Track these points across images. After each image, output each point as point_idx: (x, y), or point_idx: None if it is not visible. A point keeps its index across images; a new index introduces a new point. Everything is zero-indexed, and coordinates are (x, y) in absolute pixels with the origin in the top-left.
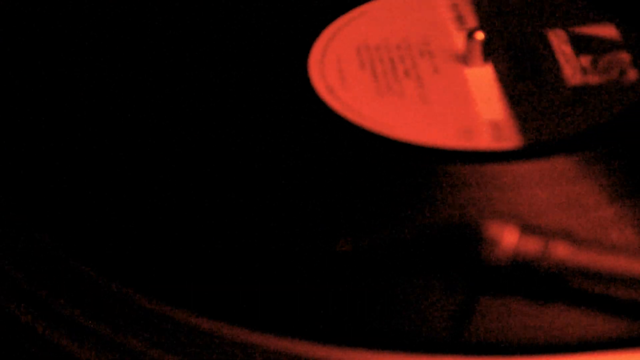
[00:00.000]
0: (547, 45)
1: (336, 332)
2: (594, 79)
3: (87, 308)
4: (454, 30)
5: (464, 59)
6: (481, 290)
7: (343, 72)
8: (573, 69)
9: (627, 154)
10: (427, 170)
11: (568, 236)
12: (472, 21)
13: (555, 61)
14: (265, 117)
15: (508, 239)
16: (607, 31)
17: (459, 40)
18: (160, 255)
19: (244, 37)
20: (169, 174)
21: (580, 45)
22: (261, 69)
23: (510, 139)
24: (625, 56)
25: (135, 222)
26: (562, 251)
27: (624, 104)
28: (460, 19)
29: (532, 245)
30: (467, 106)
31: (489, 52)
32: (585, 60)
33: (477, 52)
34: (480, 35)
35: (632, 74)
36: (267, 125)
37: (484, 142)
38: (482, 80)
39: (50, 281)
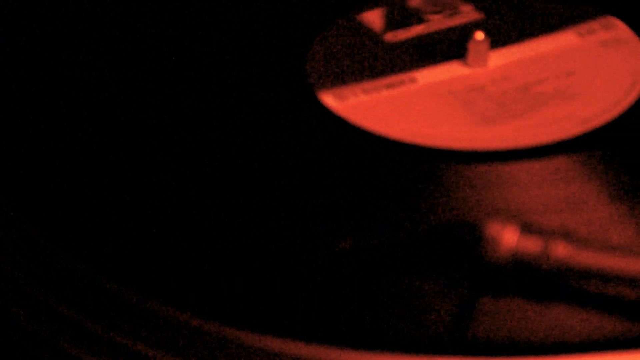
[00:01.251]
0: None
1: (336, 333)
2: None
3: (87, 308)
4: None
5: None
6: (481, 290)
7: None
8: None
9: (627, 154)
10: (427, 170)
11: (568, 236)
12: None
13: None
14: (265, 117)
15: (508, 238)
16: None
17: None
18: (161, 256)
19: (244, 37)
20: (169, 174)
21: None
22: (261, 68)
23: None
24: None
25: (135, 222)
26: (562, 251)
27: None
28: None
29: (532, 245)
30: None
31: None
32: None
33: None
34: (480, 36)
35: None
36: (267, 125)
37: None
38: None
39: (51, 281)
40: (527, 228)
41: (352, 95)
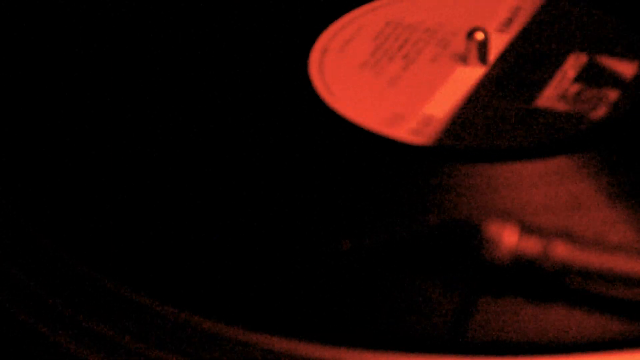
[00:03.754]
0: (558, 64)
1: (336, 332)
2: (561, 106)
3: (87, 308)
4: (492, 30)
5: (463, 58)
6: (481, 290)
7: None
8: (555, 91)
9: (627, 154)
10: (427, 170)
11: (568, 236)
12: (517, 26)
13: (548, 80)
14: (265, 117)
15: (508, 238)
16: (624, 67)
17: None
18: (161, 256)
19: (244, 37)
20: (169, 174)
21: (586, 73)
22: (261, 68)
23: (427, 137)
24: (611, 93)
25: (135, 222)
26: (562, 251)
27: (566, 133)
28: (508, 22)
29: (532, 245)
30: (419, 97)
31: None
32: (575, 87)
33: (474, 52)
34: (480, 36)
35: (600, 111)
36: (267, 125)
37: (402, 133)
38: (462, 79)
39: (50, 281)
40: (527, 228)
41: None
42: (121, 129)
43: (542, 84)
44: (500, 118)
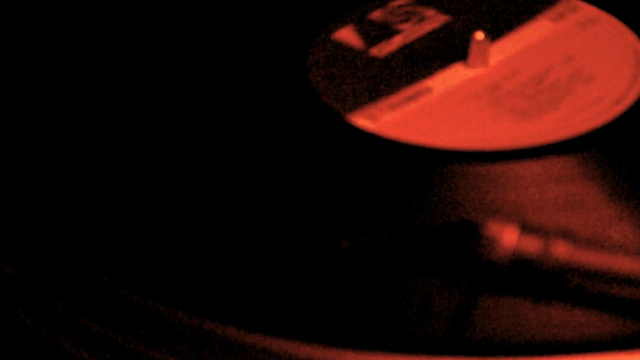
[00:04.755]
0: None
1: (336, 333)
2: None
3: (87, 308)
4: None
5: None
6: (481, 290)
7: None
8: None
9: (627, 154)
10: (427, 170)
11: (568, 236)
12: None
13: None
14: (265, 117)
15: (508, 238)
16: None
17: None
18: (161, 256)
19: (244, 37)
20: (168, 174)
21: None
22: (261, 68)
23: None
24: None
25: (135, 222)
26: (562, 250)
27: None
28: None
29: (532, 245)
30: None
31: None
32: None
33: (475, 52)
34: (480, 36)
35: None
36: (267, 125)
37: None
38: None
39: (51, 281)
40: (527, 228)
41: (381, 113)
42: (121, 129)
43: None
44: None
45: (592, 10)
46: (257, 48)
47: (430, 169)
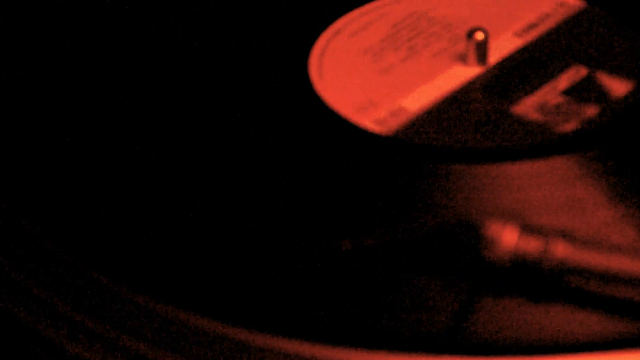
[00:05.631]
0: (554, 75)
1: (336, 332)
2: (535, 115)
3: (87, 308)
4: (510, 33)
5: (463, 57)
6: (481, 290)
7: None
8: (537, 100)
9: (627, 154)
10: (427, 170)
11: (568, 236)
12: (536, 33)
13: (536, 89)
14: (265, 117)
15: (508, 238)
16: (618, 85)
17: (496, 42)
18: (160, 256)
19: (244, 37)
20: (169, 174)
21: (576, 87)
22: (261, 68)
23: (388, 127)
24: (589, 109)
25: (135, 222)
26: (562, 251)
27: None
28: (530, 27)
29: (532, 245)
30: (401, 88)
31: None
32: (558, 99)
33: (473, 52)
34: (480, 36)
35: (570, 125)
36: (267, 125)
37: (367, 120)
38: (452, 77)
39: (51, 281)
40: (527, 228)
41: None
42: (121, 129)
43: (529, 91)
44: (471, 119)
45: None
46: (258, 48)
47: (431, 169)
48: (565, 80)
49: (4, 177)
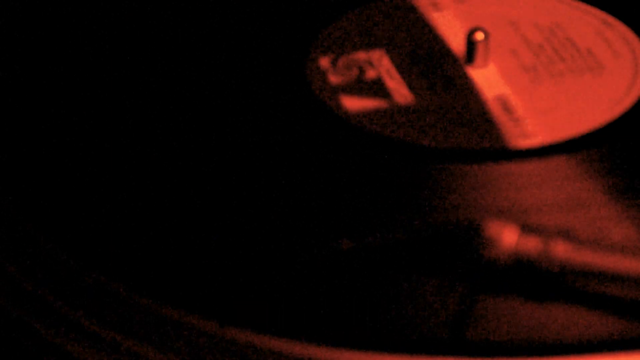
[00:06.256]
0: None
1: (336, 333)
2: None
3: (87, 308)
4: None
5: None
6: (481, 290)
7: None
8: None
9: (627, 154)
10: (427, 170)
11: (568, 236)
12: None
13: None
14: (265, 117)
15: (508, 238)
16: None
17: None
18: (161, 256)
19: (244, 38)
20: (169, 174)
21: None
22: (260, 69)
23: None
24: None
25: (134, 222)
26: (562, 250)
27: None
28: None
29: (532, 245)
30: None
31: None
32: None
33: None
34: (480, 36)
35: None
36: (267, 126)
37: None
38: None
39: (51, 281)
40: (526, 228)
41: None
42: (121, 129)
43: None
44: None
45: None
46: (257, 47)
47: (431, 169)
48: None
49: (4, 177)
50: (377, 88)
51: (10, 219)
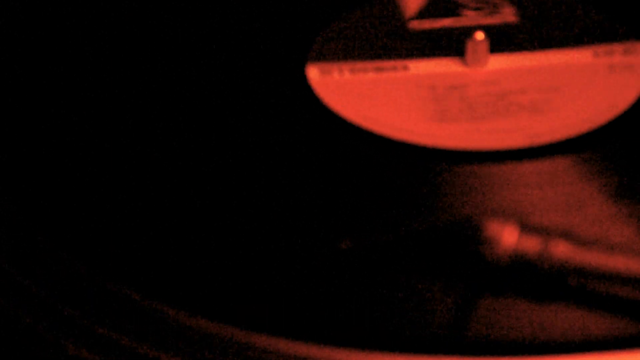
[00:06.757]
0: None
1: (336, 332)
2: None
3: (88, 309)
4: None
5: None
6: (481, 290)
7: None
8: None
9: (627, 154)
10: (427, 170)
11: (568, 235)
12: None
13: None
14: (265, 118)
15: (508, 238)
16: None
17: None
18: (161, 256)
19: (244, 38)
20: (169, 174)
21: None
22: (260, 69)
23: None
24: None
25: (134, 222)
26: (562, 250)
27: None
28: None
29: (532, 244)
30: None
31: None
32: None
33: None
34: (480, 36)
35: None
36: (267, 126)
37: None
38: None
39: (51, 281)
40: (526, 227)
41: (337, 71)
42: (122, 129)
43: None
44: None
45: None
46: (257, 47)
47: (431, 169)
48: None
49: (4, 177)
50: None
51: (10, 219)
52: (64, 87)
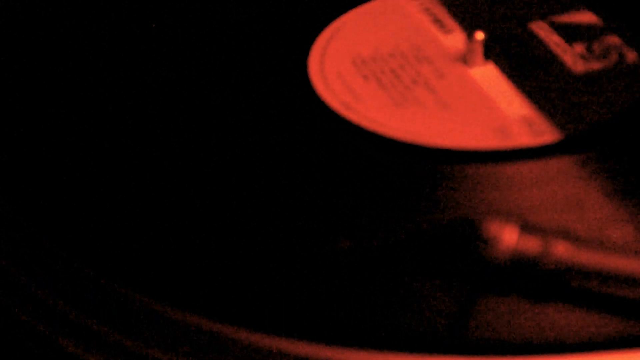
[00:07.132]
0: (536, 38)
1: (336, 332)
2: (596, 65)
3: (87, 308)
4: (438, 33)
5: (464, 60)
6: (481, 290)
7: (349, 85)
8: (572, 57)
9: (627, 154)
10: (427, 170)
11: (568, 235)
12: (450, 23)
13: (551, 52)
14: (265, 119)
15: (508, 237)
16: (587, 17)
17: (449, 42)
18: (161, 256)
19: (244, 39)
20: (169, 174)
21: (568, 33)
22: (261, 71)
23: (547, 133)
24: (615, 39)
25: (135, 222)
26: (562, 250)
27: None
28: (438, 22)
29: (532, 244)
30: (490, 106)
31: (487, 51)
32: (580, 47)
33: (478, 52)
34: (480, 36)
35: (630, 56)
36: (267, 127)
37: (522, 139)
38: (491, 80)
39: (51, 281)
40: (526, 227)
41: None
42: (122, 129)
43: (552, 57)
44: (570, 97)
45: None
46: (258, 47)
47: (430, 169)
48: (549, 36)
49: (4, 177)
50: None
51: (10, 219)
52: (64, 87)
